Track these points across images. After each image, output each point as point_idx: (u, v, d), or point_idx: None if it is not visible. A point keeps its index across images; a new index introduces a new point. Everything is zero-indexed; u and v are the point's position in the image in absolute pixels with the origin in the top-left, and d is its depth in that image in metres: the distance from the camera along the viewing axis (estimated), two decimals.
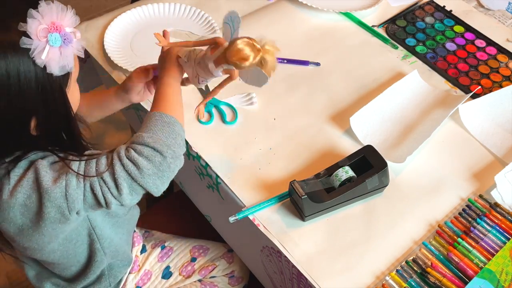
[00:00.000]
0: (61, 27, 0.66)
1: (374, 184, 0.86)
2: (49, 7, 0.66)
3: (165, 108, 0.76)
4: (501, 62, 1.17)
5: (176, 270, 1.06)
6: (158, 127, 0.73)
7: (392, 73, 1.11)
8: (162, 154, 0.70)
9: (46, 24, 0.65)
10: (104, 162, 0.70)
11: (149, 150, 0.70)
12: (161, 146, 0.70)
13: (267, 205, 0.86)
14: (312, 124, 1.00)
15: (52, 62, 0.66)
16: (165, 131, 0.73)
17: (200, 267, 1.07)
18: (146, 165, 0.69)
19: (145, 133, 0.72)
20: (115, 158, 0.70)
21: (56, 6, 0.67)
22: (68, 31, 0.67)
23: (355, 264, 0.81)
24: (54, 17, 0.66)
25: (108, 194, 0.69)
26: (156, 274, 1.04)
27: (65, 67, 0.67)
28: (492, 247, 0.81)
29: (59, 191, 0.68)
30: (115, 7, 1.22)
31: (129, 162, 0.69)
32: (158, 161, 0.70)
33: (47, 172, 0.69)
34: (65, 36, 0.66)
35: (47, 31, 0.65)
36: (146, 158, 0.69)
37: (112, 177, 0.69)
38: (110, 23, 1.15)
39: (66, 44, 0.67)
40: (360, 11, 1.24)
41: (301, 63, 1.12)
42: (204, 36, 0.93)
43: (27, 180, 0.69)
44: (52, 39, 0.65)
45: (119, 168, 0.69)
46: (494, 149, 0.98)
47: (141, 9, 1.19)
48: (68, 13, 0.68)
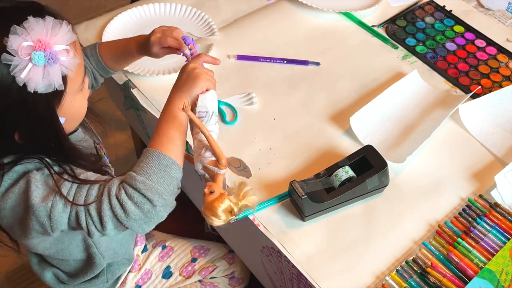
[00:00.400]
0: (48, 45, 0.64)
1: (374, 184, 0.86)
2: (38, 23, 0.64)
3: (165, 145, 0.72)
4: (501, 62, 1.17)
5: (176, 270, 1.05)
6: (153, 170, 0.69)
7: (392, 73, 1.11)
8: (152, 203, 0.67)
9: (32, 41, 0.63)
10: (94, 193, 0.68)
11: (139, 196, 0.67)
12: (152, 194, 0.67)
13: (267, 205, 0.86)
14: (312, 124, 1.00)
15: (33, 81, 0.63)
16: (160, 176, 0.69)
17: (201, 267, 1.07)
18: (134, 211, 0.67)
19: (139, 175, 0.68)
20: (105, 194, 0.68)
21: (46, 22, 0.65)
22: (58, 49, 0.65)
23: (355, 264, 0.81)
24: (42, 34, 0.64)
25: (92, 226, 0.68)
26: (157, 273, 1.04)
27: (51, 85, 0.65)
28: (492, 247, 0.81)
29: (44, 211, 0.68)
30: (115, 7, 1.22)
31: (117, 203, 0.67)
32: (147, 208, 0.67)
33: (38, 187, 0.69)
34: (50, 55, 0.64)
35: (32, 49, 0.63)
36: (135, 204, 0.67)
37: (98, 212, 0.67)
38: (109, 23, 1.15)
39: (50, 64, 0.64)
40: (360, 11, 1.24)
41: (301, 63, 1.12)
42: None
43: (18, 189, 0.69)
44: (35, 57, 0.63)
45: (106, 206, 0.67)
46: (494, 149, 0.98)
47: (141, 9, 1.19)
48: (61, 29, 0.66)
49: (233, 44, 1.14)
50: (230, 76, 1.08)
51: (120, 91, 1.11)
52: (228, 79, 1.07)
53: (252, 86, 1.06)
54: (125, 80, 1.06)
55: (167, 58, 1.11)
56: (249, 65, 1.11)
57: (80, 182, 0.70)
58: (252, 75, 1.09)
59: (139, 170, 0.69)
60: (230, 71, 1.09)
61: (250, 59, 1.12)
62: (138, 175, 0.69)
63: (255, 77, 1.08)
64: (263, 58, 1.12)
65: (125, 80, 1.06)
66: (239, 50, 1.13)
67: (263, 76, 1.09)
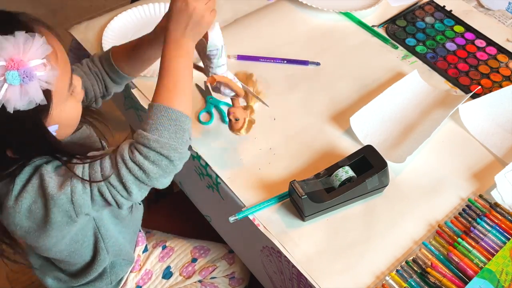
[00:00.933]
0: (21, 63, 0.61)
1: (374, 184, 0.86)
2: (8, 41, 0.61)
3: (171, 97, 0.71)
4: (501, 62, 1.17)
5: (176, 270, 1.05)
6: (164, 126, 0.69)
7: (392, 73, 1.11)
8: (169, 159, 0.68)
9: (4, 60, 0.61)
10: (108, 165, 0.68)
11: (155, 154, 0.68)
12: (168, 151, 0.68)
13: (267, 205, 0.86)
14: (312, 124, 1.00)
15: (11, 101, 0.61)
16: (171, 131, 0.69)
17: (201, 267, 1.07)
18: (153, 169, 0.68)
19: (150, 133, 0.68)
20: (120, 161, 0.68)
21: (17, 38, 0.62)
22: (33, 64, 0.62)
23: (355, 264, 0.81)
24: (14, 51, 0.61)
25: (118, 196, 0.69)
26: (157, 273, 1.04)
27: (32, 102, 0.62)
28: (492, 247, 0.81)
29: (65, 197, 0.68)
30: (115, 7, 1.22)
31: (135, 166, 0.67)
32: (165, 164, 0.68)
33: (52, 177, 0.68)
34: (25, 73, 0.61)
35: (5, 69, 0.61)
36: (153, 163, 0.68)
37: (120, 180, 0.68)
38: (109, 23, 1.15)
39: (26, 82, 0.61)
40: (360, 11, 1.23)
41: (301, 63, 1.12)
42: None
43: (32, 186, 0.69)
44: (9, 77, 0.60)
45: (125, 172, 0.67)
46: (494, 149, 0.98)
47: (141, 8, 1.19)
48: (34, 43, 0.62)
49: (233, 44, 1.14)
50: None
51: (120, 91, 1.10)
52: None
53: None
54: None
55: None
56: (249, 65, 1.11)
57: (90, 160, 0.70)
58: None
59: (149, 128, 0.69)
60: (230, 71, 1.09)
61: (250, 59, 1.12)
62: (149, 134, 0.68)
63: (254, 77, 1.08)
64: (263, 58, 1.12)
65: None
66: (239, 50, 1.13)
67: (263, 76, 1.09)
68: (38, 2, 2.40)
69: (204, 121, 0.99)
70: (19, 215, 0.70)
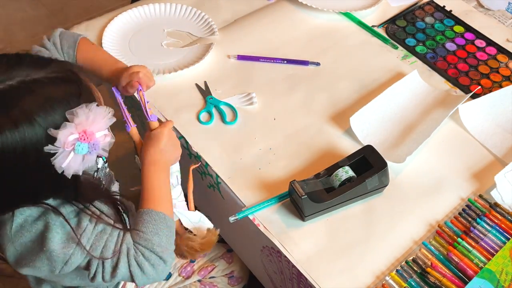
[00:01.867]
0: (92, 135, 0.65)
1: (374, 184, 0.86)
2: (86, 115, 0.64)
3: (162, 205, 0.78)
4: (501, 62, 1.17)
5: (175, 270, 1.05)
6: (163, 232, 0.75)
7: (392, 73, 1.11)
8: (166, 263, 0.74)
9: (78, 133, 0.64)
10: (112, 246, 0.71)
11: (156, 258, 0.73)
12: (167, 256, 0.74)
13: (267, 205, 0.86)
14: (312, 124, 1.00)
15: (71, 168, 0.65)
16: (169, 237, 0.76)
17: (200, 267, 1.07)
18: (150, 271, 0.73)
19: (151, 237, 0.73)
20: (123, 253, 0.71)
21: (94, 112, 0.65)
22: (99, 135, 0.66)
23: (355, 264, 0.81)
24: (87, 124, 0.65)
25: (100, 275, 0.72)
26: None
27: (84, 166, 0.67)
28: (492, 247, 0.81)
29: (62, 257, 0.69)
30: (115, 7, 1.22)
31: (135, 263, 0.72)
32: (161, 268, 0.74)
33: (58, 232, 0.69)
34: (93, 146, 0.65)
35: (77, 140, 0.64)
36: (152, 266, 0.73)
37: (114, 267, 0.71)
38: (109, 23, 1.15)
39: (91, 153, 0.66)
40: (360, 11, 1.24)
41: (301, 63, 1.12)
42: None
43: (36, 230, 0.69)
44: (79, 148, 0.64)
45: (124, 264, 0.71)
46: (494, 149, 0.98)
47: (141, 9, 1.19)
48: (105, 118, 0.67)
49: (233, 44, 1.14)
50: (230, 76, 1.08)
51: None
52: (228, 79, 1.07)
53: (252, 86, 1.06)
54: None
55: (167, 58, 1.11)
56: (249, 65, 1.11)
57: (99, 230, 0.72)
58: (252, 75, 1.09)
59: (149, 232, 0.74)
60: (230, 71, 1.09)
61: (250, 59, 1.12)
62: (152, 238, 0.73)
63: (255, 77, 1.08)
64: (263, 58, 1.12)
65: None
66: (239, 50, 1.13)
67: (263, 76, 1.09)
68: (38, 2, 2.40)
69: (204, 121, 0.99)
70: (12, 245, 0.70)
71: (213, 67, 1.09)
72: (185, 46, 1.14)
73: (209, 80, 1.07)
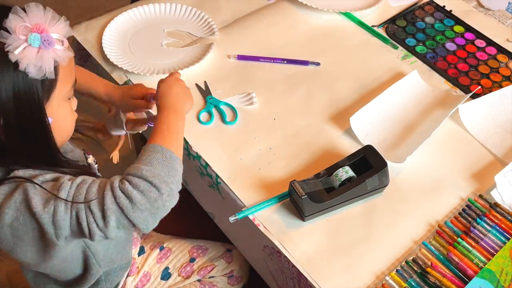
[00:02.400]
0: (45, 29, 0.66)
1: (374, 184, 0.86)
2: (38, 9, 0.67)
3: (166, 141, 0.73)
4: (501, 62, 1.17)
5: (175, 271, 1.05)
6: (158, 161, 0.69)
7: (392, 73, 1.11)
8: (159, 191, 0.66)
9: (30, 24, 0.65)
10: (94, 190, 0.67)
11: (145, 184, 0.66)
12: (159, 182, 0.66)
13: (267, 205, 0.86)
14: (312, 124, 1.00)
15: (26, 60, 0.64)
16: (164, 167, 0.69)
17: (199, 267, 1.07)
18: (140, 200, 0.65)
19: (143, 165, 0.68)
20: (107, 188, 0.66)
21: (46, 11, 0.67)
22: (54, 36, 0.67)
23: (355, 264, 0.81)
24: (41, 19, 0.66)
25: (93, 224, 0.65)
26: (155, 275, 1.04)
27: (42, 70, 0.65)
28: (492, 247, 0.81)
29: (47, 217, 0.65)
30: (115, 7, 1.22)
31: (121, 194, 0.65)
32: (153, 197, 0.66)
33: (36, 194, 0.66)
34: (46, 37, 0.66)
35: (29, 30, 0.65)
36: (141, 193, 0.65)
37: (101, 207, 0.65)
38: (109, 23, 1.15)
39: (45, 47, 0.65)
40: (360, 11, 1.24)
41: (301, 63, 1.12)
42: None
43: (14, 202, 0.66)
44: (31, 38, 0.64)
45: (109, 199, 0.65)
46: (494, 149, 0.98)
47: (141, 9, 1.19)
48: (59, 22, 0.68)
49: (233, 44, 1.14)
50: (230, 76, 1.08)
51: None
52: (228, 79, 1.07)
53: (252, 86, 1.06)
54: (125, 80, 1.06)
55: (167, 58, 1.11)
56: (249, 65, 1.11)
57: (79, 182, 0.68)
58: (252, 75, 1.09)
59: (142, 161, 0.69)
60: (230, 71, 1.09)
61: (250, 59, 1.12)
62: (142, 165, 0.68)
63: (255, 77, 1.08)
64: (263, 58, 1.12)
65: (125, 80, 1.06)
66: (239, 50, 1.13)
67: (263, 76, 1.09)
68: (38, 2, 2.40)
69: (204, 121, 0.99)
70: (3, 230, 0.68)
71: (213, 67, 1.09)
72: (185, 46, 1.14)
73: (209, 80, 1.07)
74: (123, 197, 0.65)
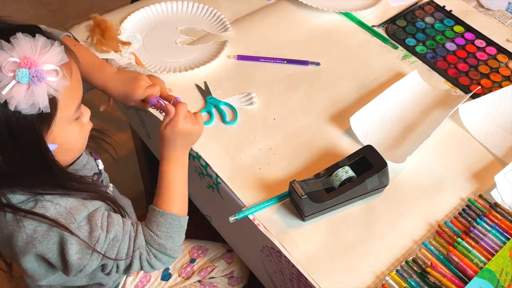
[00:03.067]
0: (34, 63, 0.61)
1: (374, 184, 0.86)
2: (26, 40, 0.61)
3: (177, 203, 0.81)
4: (501, 62, 1.17)
5: (175, 271, 1.05)
6: (176, 233, 0.80)
7: (392, 73, 1.11)
8: (175, 259, 0.82)
9: (18, 58, 0.60)
10: (124, 252, 0.75)
11: (167, 259, 0.80)
12: (177, 254, 0.81)
13: (267, 205, 0.86)
14: (312, 124, 1.00)
15: (15, 99, 0.60)
16: (180, 237, 0.81)
17: (200, 268, 1.07)
18: (160, 267, 0.80)
19: (167, 242, 0.78)
20: (136, 257, 0.76)
21: (36, 40, 0.62)
22: (46, 68, 0.62)
23: (355, 264, 0.81)
24: (30, 51, 0.61)
25: (115, 274, 0.78)
26: (155, 275, 1.04)
27: (35, 106, 0.61)
28: (492, 247, 0.81)
29: (77, 267, 0.71)
30: (115, 7, 1.22)
31: (147, 265, 0.78)
32: (170, 263, 0.82)
33: (72, 244, 0.70)
34: (35, 73, 0.60)
35: (17, 66, 0.60)
36: (163, 264, 0.80)
37: (127, 267, 0.77)
38: (123, 22, 1.15)
39: (35, 82, 0.60)
40: (360, 11, 1.24)
41: (301, 63, 1.12)
42: None
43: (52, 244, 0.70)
44: (19, 74, 0.60)
45: (136, 266, 0.77)
46: (494, 149, 0.98)
47: (153, 8, 1.20)
48: (52, 49, 0.63)
49: (233, 44, 1.14)
50: (230, 76, 1.08)
51: None
52: (228, 79, 1.07)
53: (252, 86, 1.06)
54: None
55: (182, 55, 1.11)
56: (249, 65, 1.11)
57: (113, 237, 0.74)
58: (252, 75, 1.09)
59: (163, 236, 0.78)
60: (230, 71, 1.09)
61: (250, 59, 1.12)
62: (165, 243, 0.78)
63: (255, 77, 1.08)
64: (263, 58, 1.12)
65: None
66: (239, 50, 1.13)
67: (263, 76, 1.09)
68: (38, 2, 2.40)
69: (204, 121, 0.99)
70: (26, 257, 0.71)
71: (213, 67, 1.09)
72: (199, 43, 1.14)
73: (209, 80, 1.07)
74: (147, 266, 0.78)
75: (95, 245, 0.71)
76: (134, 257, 0.76)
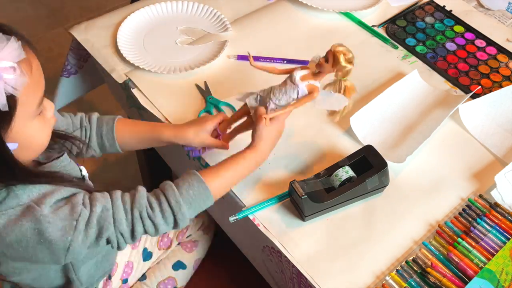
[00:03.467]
0: None
1: (374, 184, 0.86)
2: None
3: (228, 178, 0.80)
4: (501, 62, 1.17)
5: (154, 247, 1.07)
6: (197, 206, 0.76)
7: (392, 73, 1.11)
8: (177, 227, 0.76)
9: None
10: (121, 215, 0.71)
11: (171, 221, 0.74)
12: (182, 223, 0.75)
13: (267, 205, 0.86)
14: (312, 124, 1.00)
15: None
16: (196, 211, 0.77)
17: (175, 233, 1.10)
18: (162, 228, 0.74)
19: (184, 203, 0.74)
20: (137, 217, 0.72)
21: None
22: (2, 65, 0.59)
23: (355, 264, 0.81)
24: None
25: (123, 244, 0.73)
26: (137, 260, 1.04)
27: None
28: (492, 247, 0.81)
29: (63, 245, 0.67)
30: (115, 7, 1.22)
31: (150, 223, 0.73)
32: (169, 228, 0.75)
33: (50, 222, 0.66)
34: None
35: None
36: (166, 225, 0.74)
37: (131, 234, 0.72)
38: (123, 22, 1.16)
39: None
40: (360, 11, 1.24)
41: (301, 63, 1.11)
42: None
43: (25, 229, 0.65)
44: None
45: (139, 227, 0.72)
46: (494, 149, 0.98)
47: (153, 8, 1.20)
48: (8, 45, 0.60)
49: (233, 44, 1.14)
50: (230, 76, 1.08)
51: (122, 90, 1.11)
52: (228, 79, 1.07)
53: (252, 86, 1.06)
54: (124, 80, 1.06)
55: (182, 55, 1.11)
56: (249, 65, 1.10)
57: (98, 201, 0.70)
58: (252, 75, 1.09)
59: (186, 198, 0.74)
60: (230, 71, 1.09)
61: None
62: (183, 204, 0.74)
63: (255, 77, 1.08)
64: (263, 58, 1.12)
65: (124, 80, 1.06)
66: (239, 50, 1.13)
67: (263, 76, 1.08)
68: (38, 2, 2.40)
69: None
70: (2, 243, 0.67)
71: (213, 67, 1.09)
72: (199, 43, 1.14)
73: (209, 80, 1.07)
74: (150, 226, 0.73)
75: (78, 219, 0.67)
76: (135, 218, 0.71)
